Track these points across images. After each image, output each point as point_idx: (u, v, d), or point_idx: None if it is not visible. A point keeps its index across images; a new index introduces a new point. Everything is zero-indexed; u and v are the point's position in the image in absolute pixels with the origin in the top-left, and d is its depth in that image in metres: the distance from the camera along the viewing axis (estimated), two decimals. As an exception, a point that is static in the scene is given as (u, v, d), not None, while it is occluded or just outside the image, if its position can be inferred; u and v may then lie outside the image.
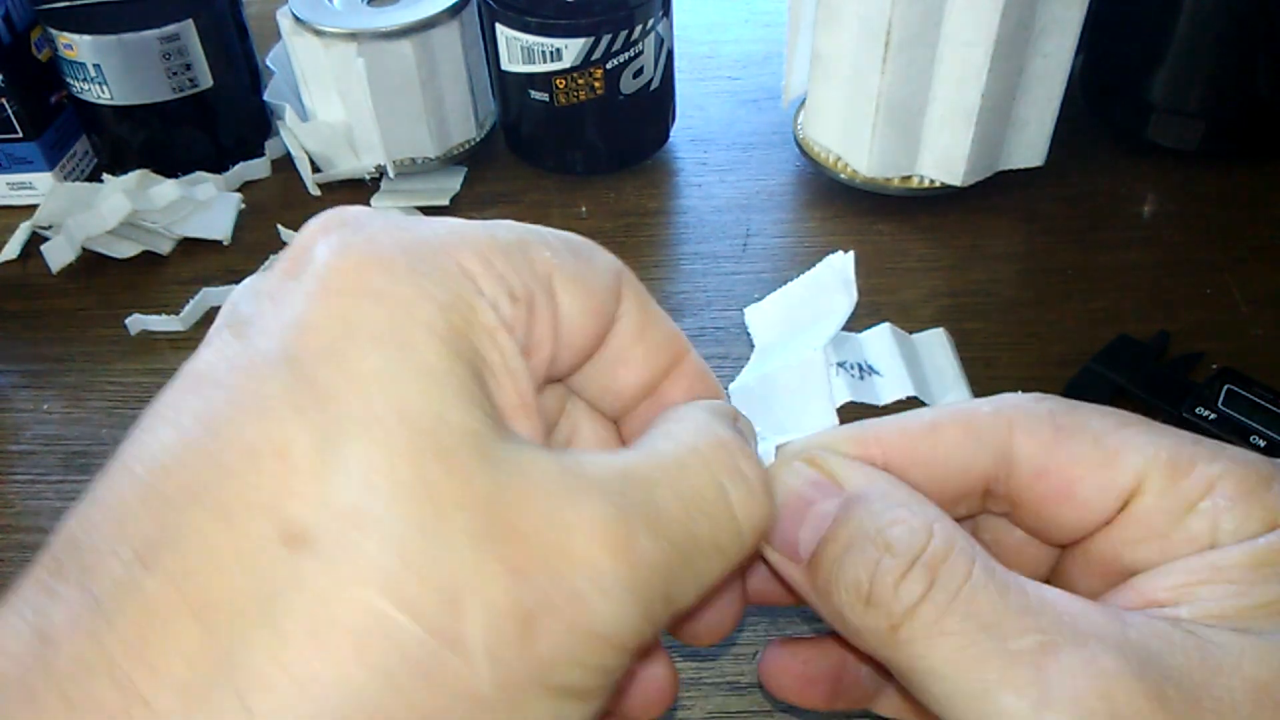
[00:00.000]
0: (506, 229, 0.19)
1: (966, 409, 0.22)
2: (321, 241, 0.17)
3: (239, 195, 0.60)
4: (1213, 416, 0.43)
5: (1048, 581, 0.20)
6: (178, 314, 0.53)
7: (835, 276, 0.26)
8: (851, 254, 0.26)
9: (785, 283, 0.26)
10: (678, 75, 0.61)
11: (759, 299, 0.26)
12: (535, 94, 0.57)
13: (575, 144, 0.59)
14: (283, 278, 0.17)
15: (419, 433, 0.15)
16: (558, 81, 0.56)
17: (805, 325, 0.24)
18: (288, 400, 0.15)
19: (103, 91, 0.58)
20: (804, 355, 0.25)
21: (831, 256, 0.26)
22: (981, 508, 0.23)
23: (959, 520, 0.21)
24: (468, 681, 0.15)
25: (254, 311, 0.17)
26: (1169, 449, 0.20)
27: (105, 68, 0.57)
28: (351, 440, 0.15)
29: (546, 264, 0.19)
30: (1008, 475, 0.22)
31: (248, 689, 0.14)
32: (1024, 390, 0.46)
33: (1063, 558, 0.23)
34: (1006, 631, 0.18)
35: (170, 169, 0.60)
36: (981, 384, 0.47)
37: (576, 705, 0.16)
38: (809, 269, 0.54)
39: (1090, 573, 0.22)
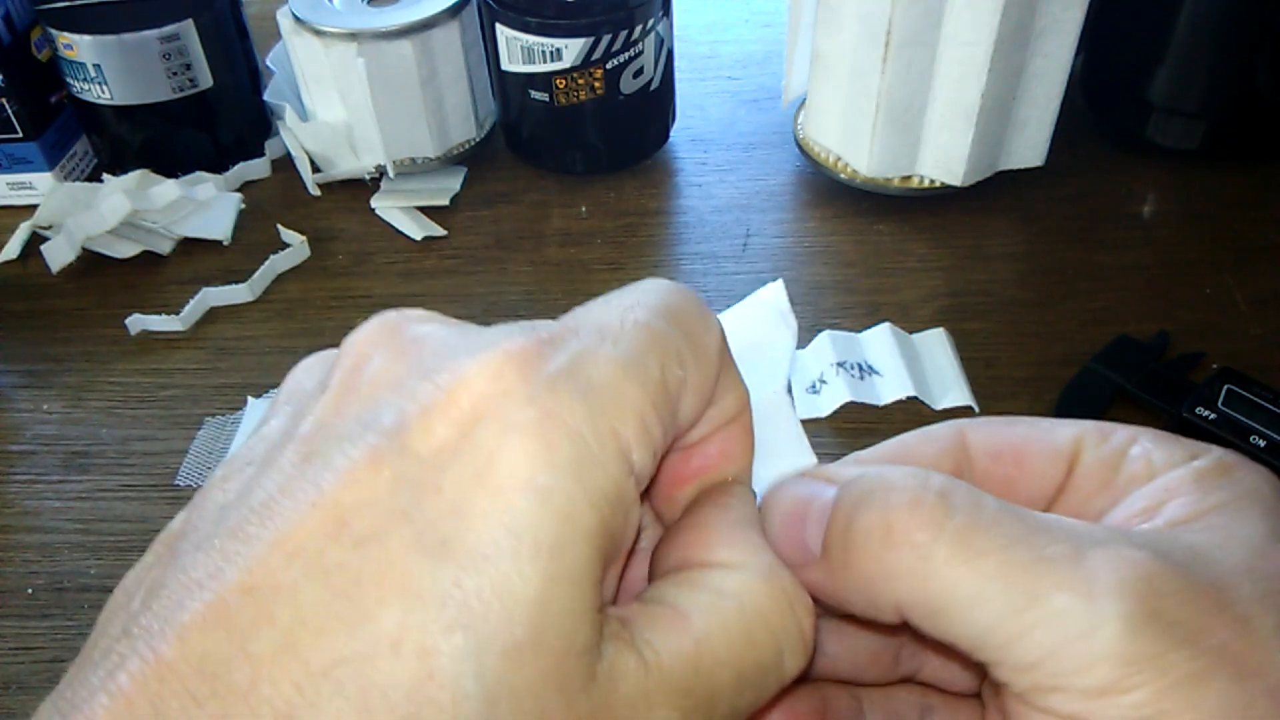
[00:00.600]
0: (653, 353, 0.19)
1: (922, 429, 0.24)
2: (498, 404, 0.17)
3: (239, 195, 0.60)
4: (1213, 416, 0.43)
5: None
6: (178, 314, 0.53)
7: (769, 309, 0.25)
8: (780, 282, 0.26)
9: (784, 283, 0.25)
10: (678, 75, 0.61)
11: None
12: (535, 94, 0.57)
13: (575, 144, 0.59)
14: (445, 417, 0.17)
15: (548, 659, 0.17)
16: (558, 81, 0.56)
17: (749, 362, 0.23)
18: (439, 604, 0.16)
19: (103, 91, 0.58)
20: (766, 396, 0.24)
21: (761, 289, 0.26)
22: None
23: None
24: None
25: (406, 436, 0.17)
26: (1091, 421, 0.23)
27: (105, 68, 0.57)
28: (490, 664, 0.16)
29: (679, 383, 0.19)
30: (969, 471, 0.23)
31: None
32: (1024, 390, 0.46)
33: None
34: (1037, 543, 0.18)
35: (170, 169, 0.60)
36: (981, 384, 0.47)
37: None
38: (811, 267, 0.54)
39: None
